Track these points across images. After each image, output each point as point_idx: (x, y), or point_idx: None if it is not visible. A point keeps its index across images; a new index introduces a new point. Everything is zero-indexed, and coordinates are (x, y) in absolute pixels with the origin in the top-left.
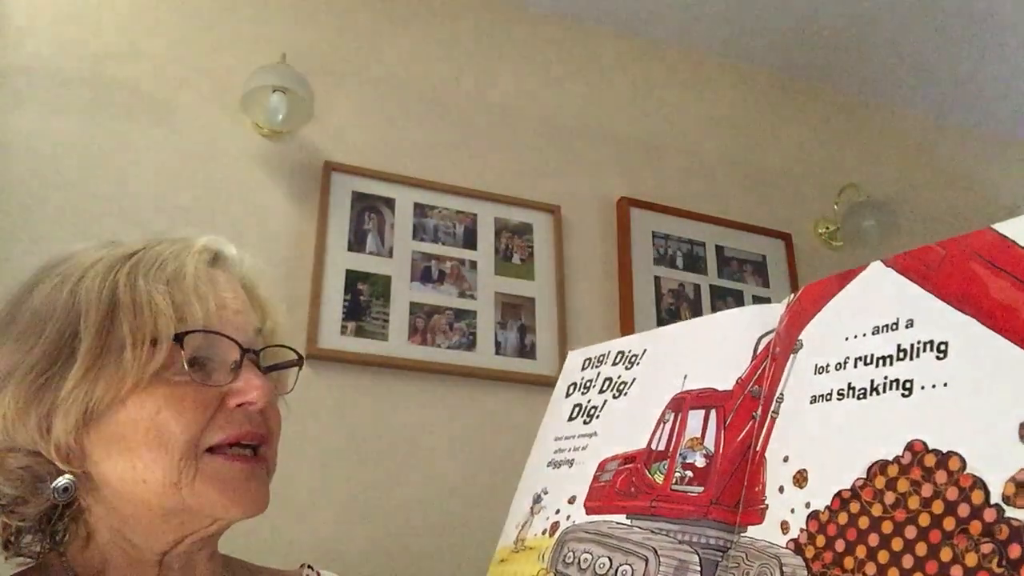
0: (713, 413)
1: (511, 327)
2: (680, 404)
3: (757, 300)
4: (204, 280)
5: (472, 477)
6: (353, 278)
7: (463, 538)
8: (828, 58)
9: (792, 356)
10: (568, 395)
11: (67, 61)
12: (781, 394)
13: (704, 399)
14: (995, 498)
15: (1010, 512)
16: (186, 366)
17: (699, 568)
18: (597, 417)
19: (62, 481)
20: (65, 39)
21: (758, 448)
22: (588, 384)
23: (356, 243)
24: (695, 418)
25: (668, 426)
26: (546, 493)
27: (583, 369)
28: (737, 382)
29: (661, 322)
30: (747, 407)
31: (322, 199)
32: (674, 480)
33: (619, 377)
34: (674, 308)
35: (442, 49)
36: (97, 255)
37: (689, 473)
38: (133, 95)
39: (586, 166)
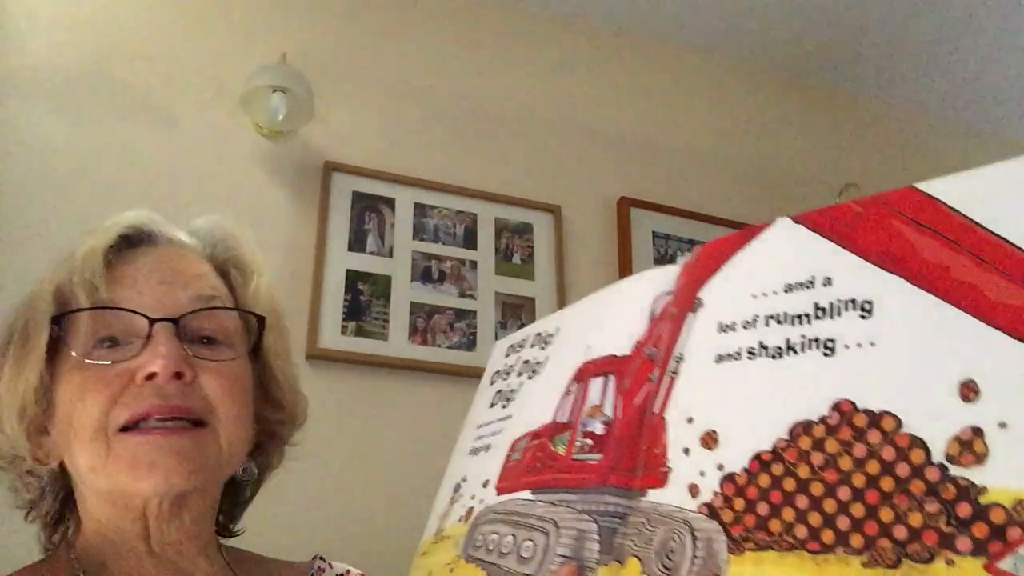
0: (611, 379)
1: (511, 327)
2: (583, 374)
3: None
4: (98, 260)
5: None
6: (353, 278)
7: None
8: (828, 58)
9: (691, 315)
10: (492, 383)
11: (67, 61)
12: (680, 354)
13: (604, 366)
14: (937, 457)
15: (955, 471)
16: (91, 348)
17: (598, 537)
18: (513, 400)
19: (45, 479)
20: (65, 39)
21: (656, 410)
22: (509, 370)
23: (356, 243)
24: (596, 386)
25: (571, 397)
26: (464, 481)
27: (507, 356)
28: (635, 345)
29: None
30: (644, 370)
31: (322, 199)
32: (575, 450)
33: (535, 358)
34: None
35: (442, 49)
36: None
37: (589, 441)
38: (133, 95)
39: (586, 166)
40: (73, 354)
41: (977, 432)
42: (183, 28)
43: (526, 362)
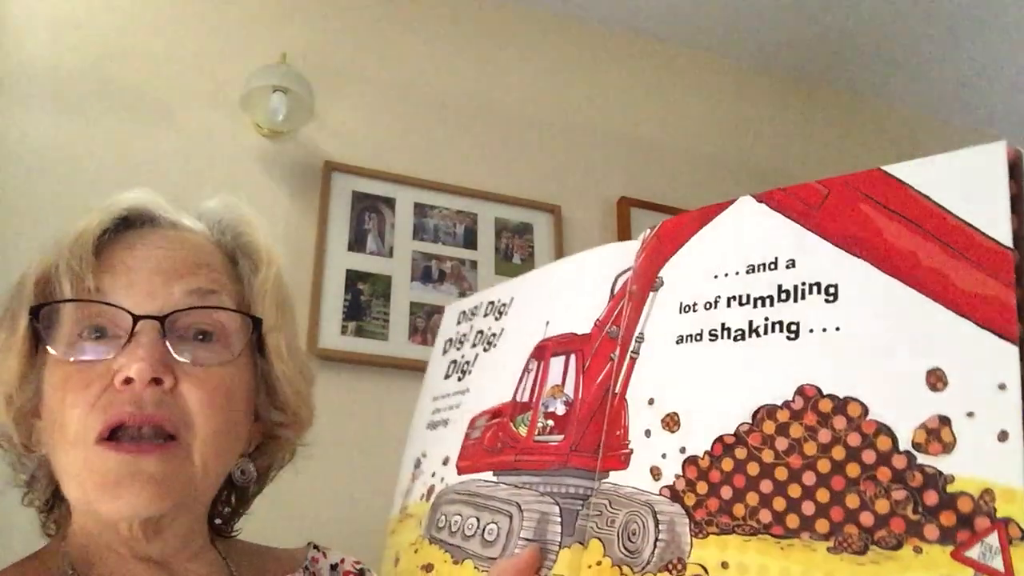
0: (573, 358)
1: None
2: (542, 352)
3: None
4: (88, 246)
5: None
6: (353, 278)
7: None
8: (828, 58)
9: (652, 294)
10: (444, 352)
11: (67, 61)
12: (641, 334)
13: (564, 344)
14: (904, 444)
15: (922, 459)
16: (75, 342)
17: (559, 519)
18: (469, 373)
19: (32, 464)
20: (65, 39)
21: (617, 390)
22: (463, 339)
23: (356, 243)
24: (556, 365)
25: (531, 376)
26: (424, 457)
27: (458, 323)
28: (595, 324)
29: None
30: (605, 349)
31: (322, 199)
32: (536, 431)
33: (489, 329)
34: None
35: (443, 49)
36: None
37: (550, 423)
38: (133, 95)
39: (586, 166)
40: (51, 350)
41: (944, 421)
42: (183, 28)
43: (480, 332)
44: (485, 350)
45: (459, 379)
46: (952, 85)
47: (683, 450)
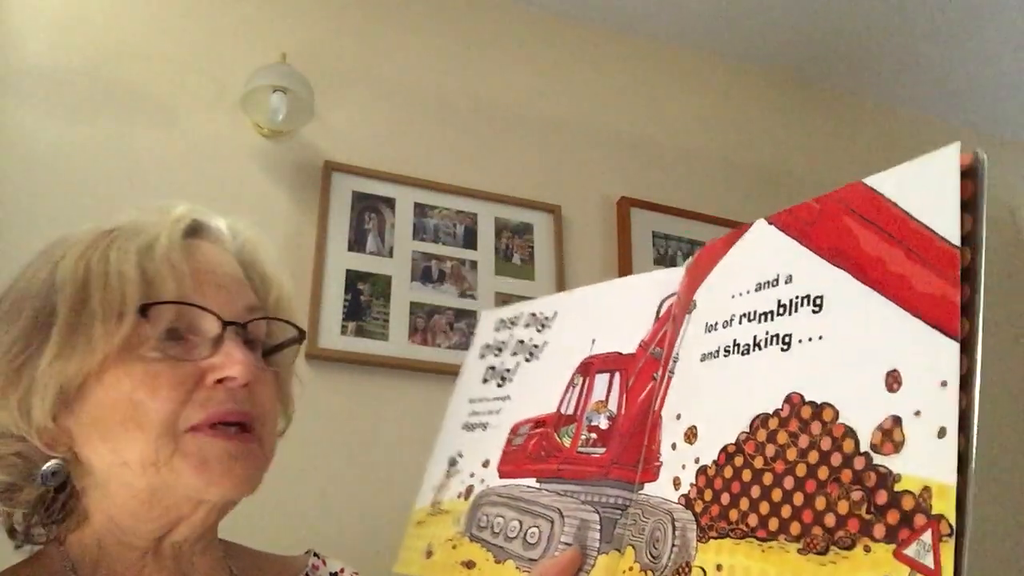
0: (617, 376)
1: None
2: (588, 368)
3: None
4: (178, 249)
5: None
6: (353, 278)
7: None
8: (828, 58)
9: (687, 316)
10: (482, 357)
11: (67, 61)
12: (677, 354)
13: (609, 363)
14: (864, 446)
15: (877, 459)
16: (157, 340)
17: (599, 527)
18: (510, 380)
19: (49, 466)
20: (65, 39)
21: (656, 408)
22: (501, 346)
23: (356, 243)
24: (601, 382)
25: (576, 390)
26: (461, 456)
27: (496, 331)
28: (640, 344)
29: None
30: (648, 369)
31: (322, 199)
32: (580, 443)
33: (531, 340)
34: None
35: (443, 49)
36: (84, 233)
37: (594, 435)
38: (133, 95)
39: (586, 166)
40: (148, 347)
41: (897, 421)
42: (183, 28)
43: (521, 342)
44: (527, 360)
45: (499, 385)
46: (952, 85)
47: (697, 460)
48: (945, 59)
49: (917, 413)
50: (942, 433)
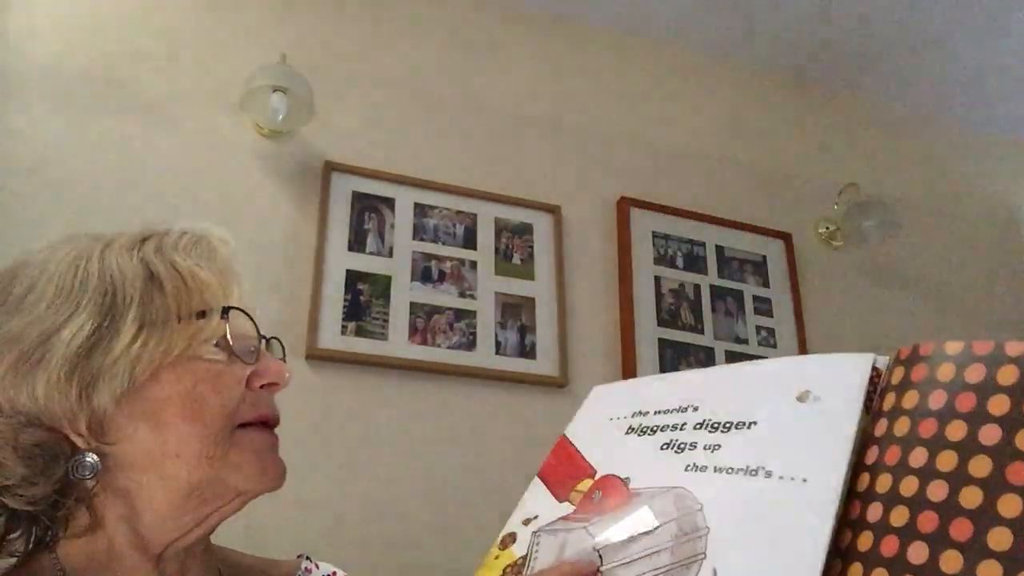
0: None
1: (511, 327)
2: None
3: (757, 300)
4: (231, 259)
5: (472, 476)
6: (353, 278)
7: (462, 537)
8: (828, 58)
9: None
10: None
11: (67, 61)
12: None
13: None
14: None
15: None
16: (229, 342)
17: None
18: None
19: (90, 458)
20: (65, 39)
21: None
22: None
23: (356, 243)
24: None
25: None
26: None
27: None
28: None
29: (661, 322)
30: None
31: (322, 199)
32: None
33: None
34: (674, 308)
35: (442, 49)
36: (99, 240)
37: None
38: (133, 95)
39: (586, 166)
40: (209, 347)
41: None
42: (183, 28)
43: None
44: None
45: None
46: (952, 85)
47: None
48: (945, 58)
49: None
50: None
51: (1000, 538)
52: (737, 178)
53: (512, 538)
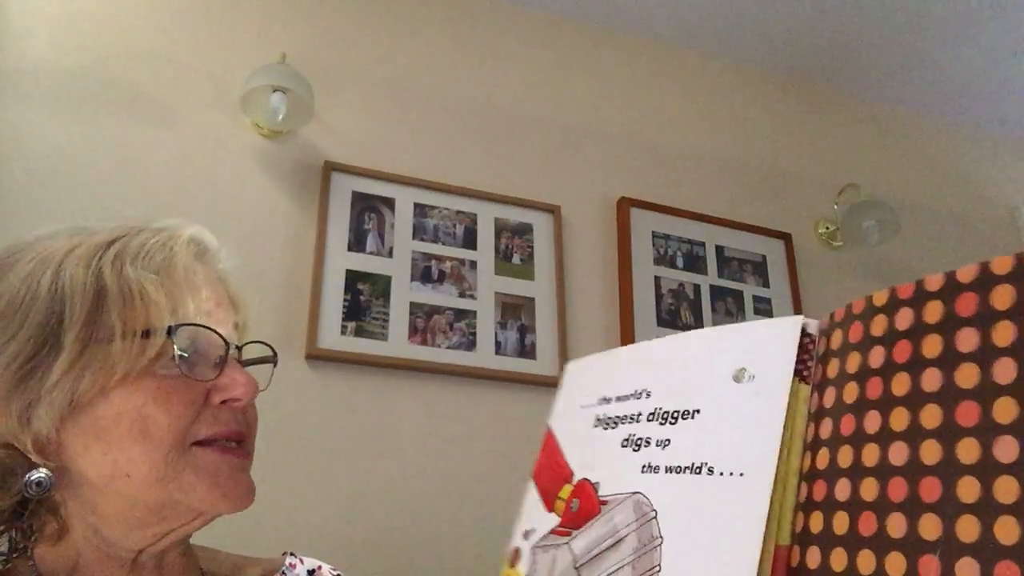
0: None
1: (511, 327)
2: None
3: (757, 300)
4: (193, 272)
5: (472, 477)
6: (353, 278)
7: (462, 537)
8: (828, 58)
9: None
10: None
11: (67, 61)
12: None
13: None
14: None
15: None
16: (177, 360)
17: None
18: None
19: (37, 475)
20: (65, 39)
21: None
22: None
23: (356, 243)
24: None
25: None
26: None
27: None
28: None
29: (661, 322)
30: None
31: (322, 199)
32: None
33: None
34: (674, 308)
35: (443, 49)
36: (72, 241)
37: None
38: (133, 95)
39: (586, 166)
40: (161, 364)
41: None
42: (183, 28)
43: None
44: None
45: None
46: (952, 85)
47: None
48: (945, 58)
49: None
50: None
51: (968, 489)
52: (737, 178)
53: (517, 554)
